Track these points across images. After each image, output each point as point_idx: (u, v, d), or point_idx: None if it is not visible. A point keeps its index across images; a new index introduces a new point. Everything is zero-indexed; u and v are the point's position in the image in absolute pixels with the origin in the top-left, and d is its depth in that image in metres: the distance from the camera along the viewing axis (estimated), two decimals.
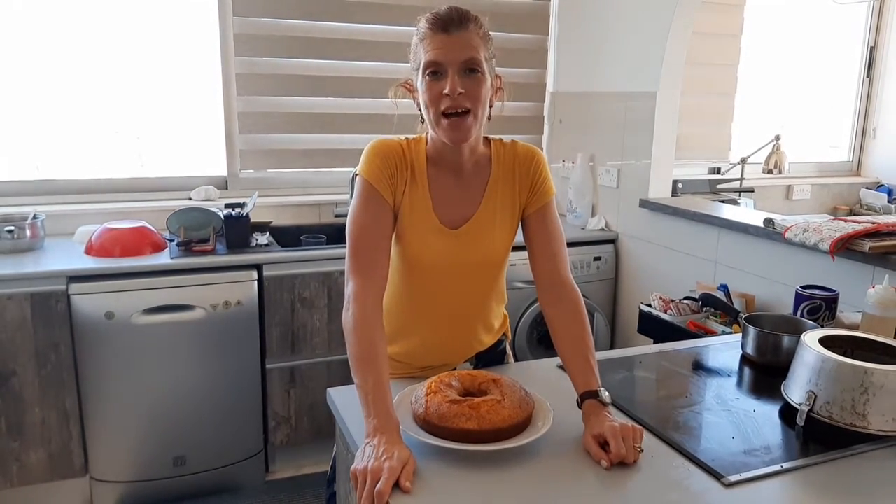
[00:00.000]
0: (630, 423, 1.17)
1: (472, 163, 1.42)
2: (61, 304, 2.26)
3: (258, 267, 2.50)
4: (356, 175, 1.38)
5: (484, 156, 1.44)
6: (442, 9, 1.30)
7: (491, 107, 1.37)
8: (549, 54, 3.48)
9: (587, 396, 1.22)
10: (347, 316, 1.26)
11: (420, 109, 1.36)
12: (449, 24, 1.27)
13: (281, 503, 2.56)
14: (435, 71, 1.28)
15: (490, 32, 1.35)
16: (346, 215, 1.41)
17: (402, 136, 1.42)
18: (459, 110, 1.28)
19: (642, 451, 1.14)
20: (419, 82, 1.32)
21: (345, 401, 1.34)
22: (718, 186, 3.62)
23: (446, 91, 1.26)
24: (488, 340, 1.56)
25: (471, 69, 1.28)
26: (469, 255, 1.42)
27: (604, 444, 1.13)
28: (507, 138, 1.49)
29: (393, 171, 1.36)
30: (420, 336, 1.48)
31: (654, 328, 2.43)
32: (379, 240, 1.33)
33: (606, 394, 1.22)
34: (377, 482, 1.02)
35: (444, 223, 1.40)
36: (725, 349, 1.67)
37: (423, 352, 1.50)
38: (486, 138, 1.46)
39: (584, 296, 1.42)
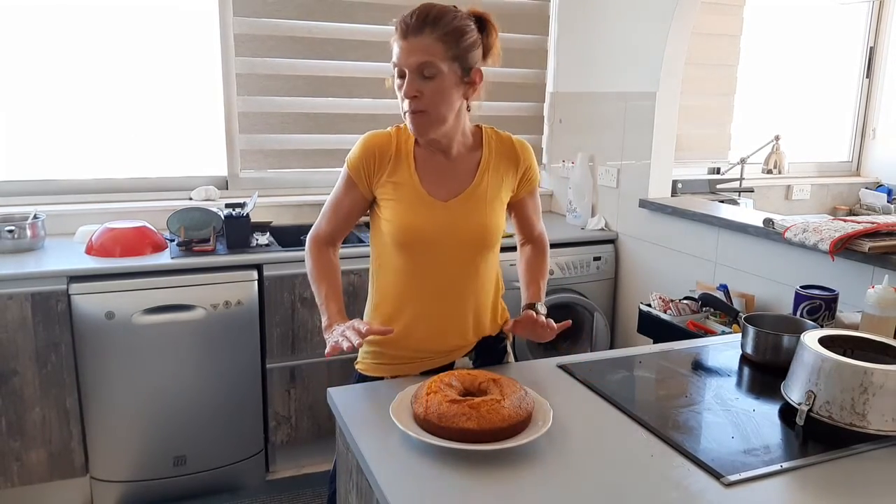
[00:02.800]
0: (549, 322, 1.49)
1: (461, 145, 1.51)
2: (62, 304, 2.27)
3: (258, 267, 2.50)
4: None
5: (475, 140, 1.54)
6: (410, 11, 1.38)
7: (467, 98, 1.46)
8: (549, 54, 3.49)
9: (528, 307, 1.57)
10: (307, 248, 1.58)
11: None
12: (407, 30, 1.38)
13: (281, 503, 2.56)
14: (399, 70, 1.40)
15: (461, 26, 1.40)
16: None
17: (396, 126, 1.53)
18: (416, 110, 1.40)
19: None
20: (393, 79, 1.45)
21: (345, 400, 1.34)
22: (718, 186, 3.62)
23: (404, 93, 1.39)
24: (488, 328, 1.58)
25: (426, 74, 1.38)
26: (462, 226, 1.48)
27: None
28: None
29: (371, 163, 1.48)
30: (417, 315, 1.51)
31: (653, 328, 2.43)
32: (346, 211, 1.54)
33: (543, 308, 1.57)
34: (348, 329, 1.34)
35: (433, 196, 1.48)
36: (725, 349, 1.67)
37: (421, 332, 1.52)
38: (477, 126, 1.56)
39: (583, 296, 1.44)
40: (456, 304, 1.53)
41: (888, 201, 3.89)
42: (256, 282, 2.49)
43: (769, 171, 3.54)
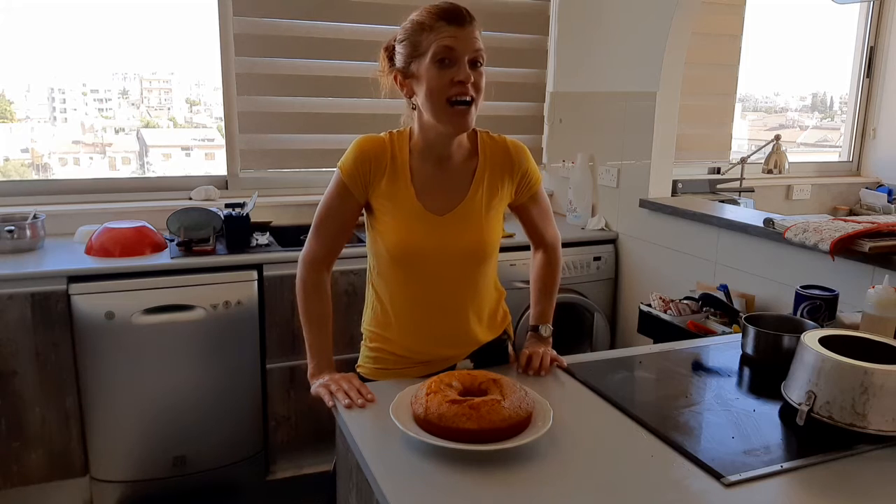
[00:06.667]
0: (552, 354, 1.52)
1: (458, 153, 1.48)
2: (61, 304, 2.26)
3: (258, 267, 2.50)
4: None
5: (470, 146, 1.50)
6: (446, 4, 1.36)
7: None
8: (548, 54, 3.48)
9: (532, 330, 1.63)
10: (301, 277, 1.50)
11: (410, 98, 1.42)
12: (461, 18, 1.34)
13: (281, 503, 2.56)
14: (444, 59, 1.33)
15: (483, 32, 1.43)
16: None
17: (388, 131, 1.48)
18: (467, 98, 1.34)
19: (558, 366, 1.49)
20: (423, 69, 1.36)
21: None
22: (718, 186, 3.62)
23: (459, 78, 1.33)
24: (489, 334, 1.57)
25: (478, 62, 1.36)
26: (457, 240, 1.45)
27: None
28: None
29: (366, 169, 1.44)
30: (416, 325, 1.50)
31: (654, 328, 2.43)
32: (341, 221, 1.50)
33: (547, 330, 1.61)
34: (346, 382, 1.37)
35: (429, 210, 1.44)
36: (725, 349, 1.67)
37: (421, 342, 1.51)
38: (472, 129, 1.50)
39: (583, 296, 1.44)
40: (455, 314, 1.51)
41: (888, 201, 3.89)
42: (256, 282, 2.49)
43: (769, 171, 3.54)
